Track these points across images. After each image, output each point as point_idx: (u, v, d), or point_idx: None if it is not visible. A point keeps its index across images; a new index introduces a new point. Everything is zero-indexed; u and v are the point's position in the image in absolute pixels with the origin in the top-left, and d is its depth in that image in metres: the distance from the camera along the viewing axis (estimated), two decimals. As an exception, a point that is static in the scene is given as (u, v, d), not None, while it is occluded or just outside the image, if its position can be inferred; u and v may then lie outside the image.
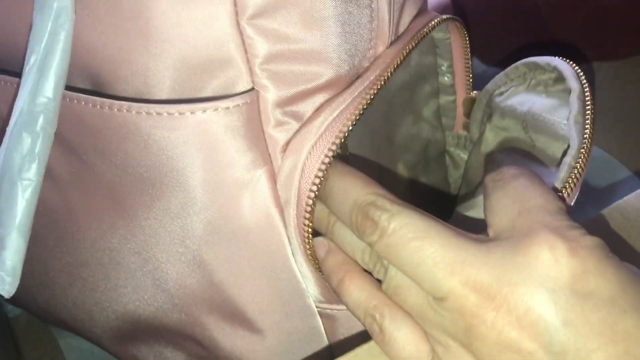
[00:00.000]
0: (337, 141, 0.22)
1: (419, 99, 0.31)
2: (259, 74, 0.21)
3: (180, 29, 0.20)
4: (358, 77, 0.24)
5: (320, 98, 0.23)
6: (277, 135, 0.22)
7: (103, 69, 0.21)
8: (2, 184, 0.19)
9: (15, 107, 0.19)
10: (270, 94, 0.22)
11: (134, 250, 0.25)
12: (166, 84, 0.21)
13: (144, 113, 0.21)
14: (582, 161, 0.23)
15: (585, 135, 0.24)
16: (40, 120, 0.19)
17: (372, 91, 0.23)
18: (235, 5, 0.20)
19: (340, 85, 0.23)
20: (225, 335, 0.26)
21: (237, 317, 0.25)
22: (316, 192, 0.22)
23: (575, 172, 0.23)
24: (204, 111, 0.21)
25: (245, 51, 0.21)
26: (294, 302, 0.25)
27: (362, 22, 0.23)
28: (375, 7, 0.23)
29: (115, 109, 0.21)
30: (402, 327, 0.20)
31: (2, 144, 0.20)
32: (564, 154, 0.24)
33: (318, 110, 0.23)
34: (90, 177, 0.24)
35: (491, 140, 0.30)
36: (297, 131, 0.22)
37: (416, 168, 0.32)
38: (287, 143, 0.23)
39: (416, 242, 0.19)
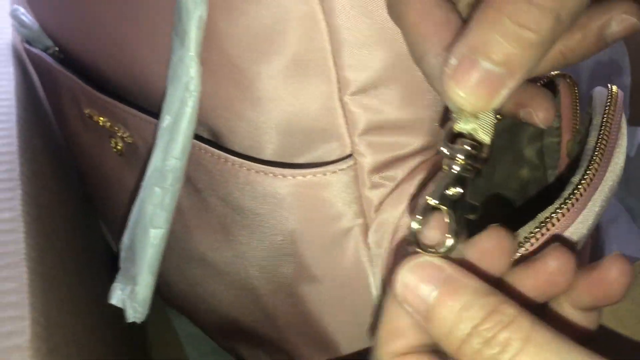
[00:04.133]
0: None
1: (520, 140, 0.31)
2: (357, 142, 0.23)
3: (287, 99, 0.22)
4: None
5: (413, 162, 0.24)
6: (372, 196, 0.24)
7: (219, 124, 0.24)
8: (137, 230, 0.23)
9: (149, 164, 0.22)
10: (367, 160, 0.23)
11: (234, 267, 0.28)
12: (274, 143, 0.23)
13: (253, 171, 0.23)
14: (587, 181, 0.23)
15: (594, 158, 0.24)
16: (170, 178, 0.22)
17: None
18: (338, 83, 0.21)
19: (432, 150, 0.24)
20: (312, 357, 0.29)
21: (324, 343, 0.28)
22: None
23: (580, 188, 0.23)
24: (304, 176, 0.23)
25: (346, 123, 0.22)
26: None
27: None
28: None
29: (230, 163, 0.24)
30: None
31: (138, 195, 0.23)
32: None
33: (411, 173, 0.24)
34: (204, 208, 0.27)
35: None
36: (391, 193, 0.24)
37: (514, 205, 0.32)
38: (381, 203, 0.24)
39: None
